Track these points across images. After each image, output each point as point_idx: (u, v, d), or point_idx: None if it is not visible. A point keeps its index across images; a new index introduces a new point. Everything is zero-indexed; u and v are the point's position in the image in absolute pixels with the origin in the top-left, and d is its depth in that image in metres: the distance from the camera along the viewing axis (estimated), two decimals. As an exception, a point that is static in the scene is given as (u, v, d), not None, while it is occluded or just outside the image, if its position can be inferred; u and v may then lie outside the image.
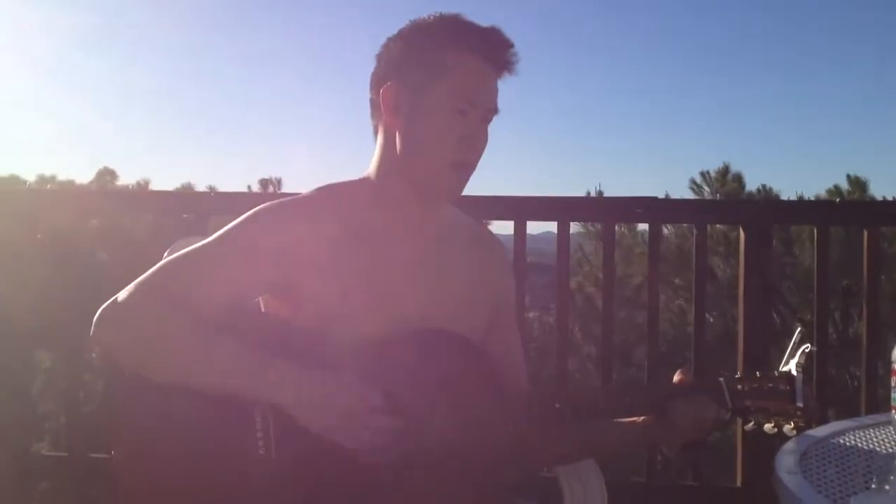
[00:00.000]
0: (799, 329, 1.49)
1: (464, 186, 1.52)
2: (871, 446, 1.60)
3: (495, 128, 1.53)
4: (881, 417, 1.72)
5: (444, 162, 1.48)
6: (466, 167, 1.50)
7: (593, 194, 6.74)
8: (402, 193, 1.52)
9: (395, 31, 1.53)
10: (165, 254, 1.58)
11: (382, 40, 1.54)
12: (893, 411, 1.38)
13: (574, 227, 3.54)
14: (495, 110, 1.51)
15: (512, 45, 1.50)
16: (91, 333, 1.40)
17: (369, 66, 1.56)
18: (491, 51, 1.48)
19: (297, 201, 1.53)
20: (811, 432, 1.63)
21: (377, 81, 1.52)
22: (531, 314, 6.52)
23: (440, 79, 1.46)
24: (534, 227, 3.14)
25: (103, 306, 1.40)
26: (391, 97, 1.49)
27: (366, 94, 1.56)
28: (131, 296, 1.40)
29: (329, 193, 1.55)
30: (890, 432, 1.63)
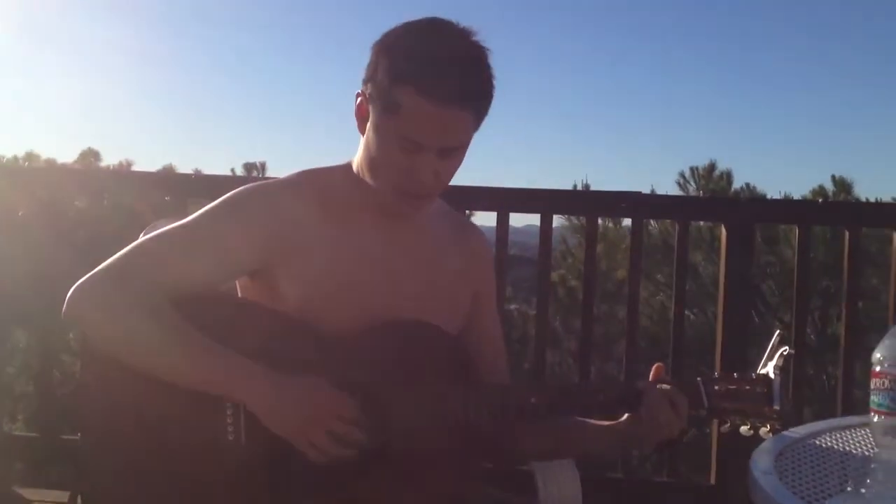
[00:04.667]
0: (777, 332, 1.48)
1: (418, 209, 1.49)
2: (848, 448, 1.60)
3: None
4: (857, 419, 1.71)
5: (388, 187, 1.44)
6: (414, 196, 1.45)
7: (580, 187, 6.73)
8: None
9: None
10: (142, 235, 1.56)
11: (370, 27, 1.50)
12: (872, 413, 1.37)
13: (559, 220, 3.53)
14: (453, 147, 1.43)
15: (478, 77, 1.41)
16: (63, 311, 1.38)
17: (355, 53, 1.51)
18: (448, 92, 1.37)
19: (275, 185, 1.51)
20: (787, 433, 1.62)
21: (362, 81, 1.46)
22: (513, 306, 6.54)
23: (392, 115, 1.39)
24: (517, 220, 3.11)
25: (74, 286, 1.38)
26: (359, 107, 1.46)
27: (351, 81, 1.51)
28: (100, 278, 1.38)
29: (309, 178, 1.52)
30: (866, 434, 1.62)
